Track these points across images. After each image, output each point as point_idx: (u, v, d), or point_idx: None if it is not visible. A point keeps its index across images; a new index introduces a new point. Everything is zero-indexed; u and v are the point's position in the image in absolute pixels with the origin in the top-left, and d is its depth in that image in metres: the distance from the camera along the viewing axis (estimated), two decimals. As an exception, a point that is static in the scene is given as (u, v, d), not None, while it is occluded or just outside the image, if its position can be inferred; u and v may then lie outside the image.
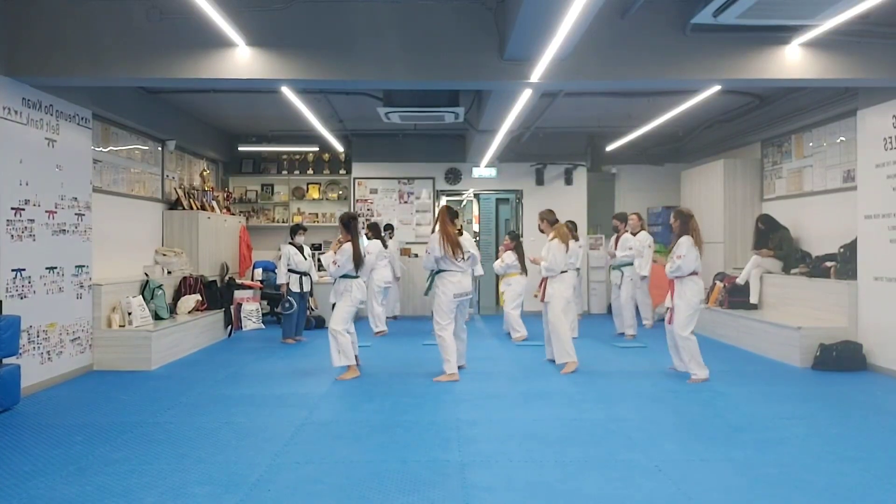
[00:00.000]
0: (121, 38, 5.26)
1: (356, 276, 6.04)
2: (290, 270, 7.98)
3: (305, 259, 8.12)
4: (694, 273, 5.83)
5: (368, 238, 8.99)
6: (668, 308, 6.01)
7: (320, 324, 9.13)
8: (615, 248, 8.63)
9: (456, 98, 6.86)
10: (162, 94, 8.05)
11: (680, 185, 10.54)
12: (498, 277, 11.45)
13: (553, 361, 6.51)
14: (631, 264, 8.44)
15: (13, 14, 5.21)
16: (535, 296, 6.82)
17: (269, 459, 3.81)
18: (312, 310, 9.33)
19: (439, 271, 6.00)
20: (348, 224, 6.07)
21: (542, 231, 6.75)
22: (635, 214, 8.68)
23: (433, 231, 6.02)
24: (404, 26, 5.32)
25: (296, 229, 8.23)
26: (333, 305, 6.15)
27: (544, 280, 6.52)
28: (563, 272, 6.48)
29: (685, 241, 5.81)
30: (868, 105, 6.41)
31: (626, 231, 8.55)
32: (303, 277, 8.05)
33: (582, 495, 3.29)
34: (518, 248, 8.44)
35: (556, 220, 6.69)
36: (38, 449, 4.04)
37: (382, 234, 9.40)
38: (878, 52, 5.44)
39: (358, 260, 5.97)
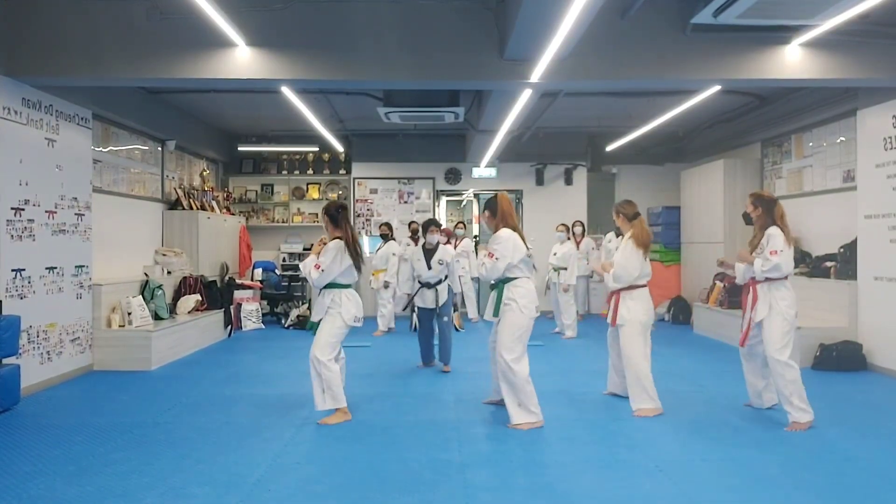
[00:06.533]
0: (121, 38, 5.26)
1: (347, 286, 4.65)
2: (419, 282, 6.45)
3: (430, 267, 6.33)
4: (786, 277, 4.53)
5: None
6: (747, 325, 4.67)
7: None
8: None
9: (456, 98, 6.86)
10: (162, 94, 8.04)
11: (680, 185, 10.53)
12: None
13: (615, 395, 5.26)
14: None
15: (13, 14, 5.20)
16: (604, 314, 5.56)
17: (270, 460, 3.80)
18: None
19: (506, 280, 4.54)
20: (336, 215, 4.63)
21: (618, 228, 5.28)
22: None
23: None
24: (404, 26, 5.32)
25: (428, 225, 6.41)
26: (314, 325, 4.69)
27: (615, 295, 4.97)
28: (640, 286, 4.90)
29: (778, 234, 4.51)
30: (868, 105, 6.40)
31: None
32: (426, 289, 6.43)
33: (582, 495, 3.29)
34: None
35: (637, 214, 5.00)
36: (38, 449, 4.04)
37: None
38: (878, 52, 5.44)
39: (356, 257, 4.57)
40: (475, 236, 11.99)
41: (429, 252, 6.40)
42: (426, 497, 3.27)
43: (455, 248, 9.52)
